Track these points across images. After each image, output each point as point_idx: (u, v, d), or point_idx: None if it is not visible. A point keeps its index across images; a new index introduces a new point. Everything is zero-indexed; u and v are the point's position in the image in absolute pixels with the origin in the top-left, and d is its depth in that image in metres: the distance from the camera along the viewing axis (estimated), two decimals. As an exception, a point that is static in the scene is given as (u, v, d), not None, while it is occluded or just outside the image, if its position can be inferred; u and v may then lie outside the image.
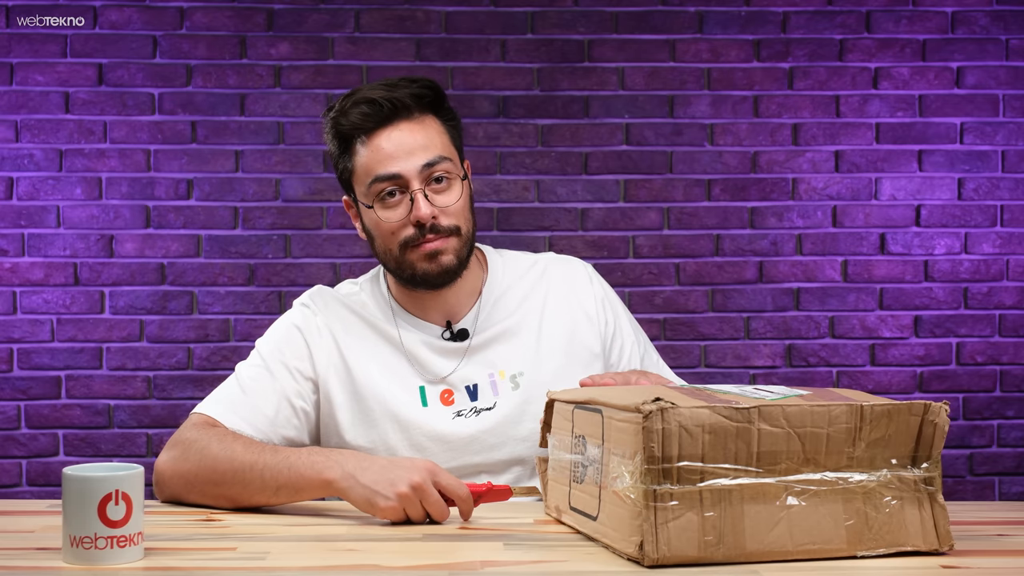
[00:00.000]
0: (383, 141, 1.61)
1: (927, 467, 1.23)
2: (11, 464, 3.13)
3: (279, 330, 1.71)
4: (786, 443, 1.16)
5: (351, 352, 1.67)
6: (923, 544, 1.22)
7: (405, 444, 1.64)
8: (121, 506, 1.16)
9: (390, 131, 1.61)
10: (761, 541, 1.15)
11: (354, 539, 1.32)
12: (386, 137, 1.61)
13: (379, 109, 1.61)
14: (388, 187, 1.60)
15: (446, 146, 1.65)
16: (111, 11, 3.15)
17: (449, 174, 1.63)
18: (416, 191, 1.60)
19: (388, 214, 1.62)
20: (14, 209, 3.14)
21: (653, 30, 3.23)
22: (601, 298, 1.77)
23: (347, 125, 1.63)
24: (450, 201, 1.62)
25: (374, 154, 1.61)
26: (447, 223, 1.62)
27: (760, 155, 3.25)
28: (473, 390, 1.67)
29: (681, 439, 1.12)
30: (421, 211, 1.59)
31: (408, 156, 1.60)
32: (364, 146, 1.63)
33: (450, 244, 1.62)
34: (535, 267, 1.78)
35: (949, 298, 3.27)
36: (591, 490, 1.25)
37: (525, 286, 1.75)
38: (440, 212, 1.61)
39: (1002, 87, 3.26)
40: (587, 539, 1.27)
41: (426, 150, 1.61)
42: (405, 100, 1.62)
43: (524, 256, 1.81)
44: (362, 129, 1.62)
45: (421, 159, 1.60)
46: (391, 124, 1.62)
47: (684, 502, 1.12)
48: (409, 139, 1.61)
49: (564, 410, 1.36)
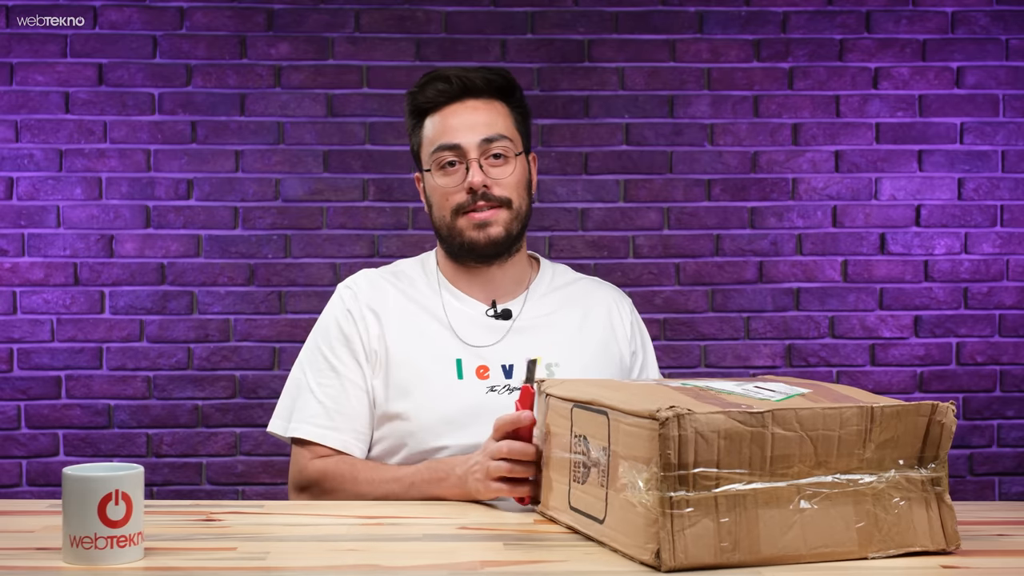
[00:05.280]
0: (450, 115, 1.73)
1: (934, 467, 1.23)
2: (11, 464, 3.13)
3: (327, 322, 1.78)
4: (799, 446, 1.15)
5: (392, 325, 1.74)
6: (931, 544, 1.22)
7: (436, 414, 1.67)
8: (121, 506, 1.16)
9: (458, 107, 1.73)
10: (775, 545, 1.15)
11: (354, 539, 1.32)
12: (453, 112, 1.73)
13: (450, 87, 1.73)
14: (448, 156, 1.72)
15: (508, 128, 1.75)
16: (111, 11, 3.15)
17: (506, 151, 1.73)
18: (472, 160, 1.71)
19: (445, 180, 1.72)
20: (14, 209, 3.14)
21: (653, 30, 3.23)
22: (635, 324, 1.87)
23: (422, 100, 1.75)
24: (504, 174, 1.72)
25: (440, 126, 1.73)
26: (499, 193, 1.71)
27: (760, 155, 3.25)
28: (509, 369, 1.72)
29: (697, 445, 1.11)
30: (474, 178, 1.70)
31: (470, 130, 1.72)
32: (433, 120, 1.75)
33: (500, 216, 1.72)
34: (580, 282, 1.88)
35: (949, 298, 3.26)
36: (596, 492, 1.24)
37: (570, 292, 1.84)
38: (493, 182, 1.71)
39: (1002, 87, 3.26)
40: (586, 539, 1.27)
41: (488, 127, 1.72)
42: (476, 81, 1.74)
43: (570, 270, 1.91)
44: (434, 104, 1.74)
45: (481, 134, 1.71)
46: (460, 101, 1.74)
47: (700, 508, 1.12)
48: (473, 116, 1.73)
49: (561, 407, 1.34)
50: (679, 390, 1.26)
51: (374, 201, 3.19)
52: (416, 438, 1.68)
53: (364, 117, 3.19)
